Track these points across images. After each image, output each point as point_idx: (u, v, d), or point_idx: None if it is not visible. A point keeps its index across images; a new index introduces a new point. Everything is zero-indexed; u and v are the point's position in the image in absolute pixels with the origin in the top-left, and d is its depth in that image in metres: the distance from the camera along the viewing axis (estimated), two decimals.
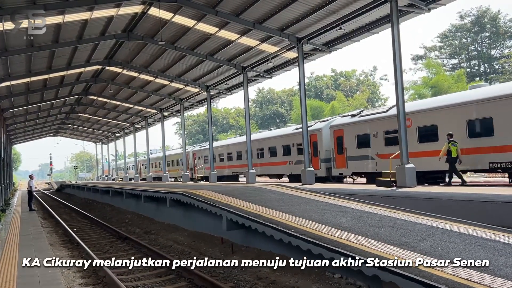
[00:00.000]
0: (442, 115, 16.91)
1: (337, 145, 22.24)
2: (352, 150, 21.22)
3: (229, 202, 11.90)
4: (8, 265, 8.55)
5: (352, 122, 21.64)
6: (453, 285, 5.02)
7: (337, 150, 22.23)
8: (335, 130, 22.51)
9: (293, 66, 25.73)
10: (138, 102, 40.51)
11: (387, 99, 73.32)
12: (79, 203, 30.70)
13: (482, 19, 59.07)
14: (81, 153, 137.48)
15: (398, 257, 6.13)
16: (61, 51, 23.20)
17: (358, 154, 20.88)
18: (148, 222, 17.63)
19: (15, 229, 14.47)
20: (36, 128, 53.49)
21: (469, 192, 12.13)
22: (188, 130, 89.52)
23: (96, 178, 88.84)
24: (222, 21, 20.64)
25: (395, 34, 16.05)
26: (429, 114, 17.48)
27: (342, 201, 11.74)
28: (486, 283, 5.04)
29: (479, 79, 55.11)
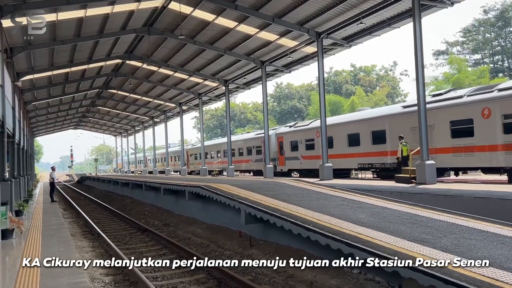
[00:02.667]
0: (334, 129, 23.57)
1: (279, 148, 29.35)
2: (288, 153, 28.32)
3: (247, 196, 11.94)
4: (32, 255, 8.75)
5: (288, 131, 29.04)
6: (475, 282, 4.96)
7: (279, 152, 29.26)
8: (278, 136, 29.60)
9: (312, 61, 25.59)
10: (157, 96, 40.87)
11: (407, 95, 72.38)
12: (99, 195, 31.20)
13: (507, 14, 57.65)
14: (101, 146, 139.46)
15: (418, 253, 6.09)
16: (82, 45, 23.54)
17: (292, 155, 27.91)
18: (167, 214, 17.82)
19: (38, 219, 14.80)
20: (57, 120, 54.45)
21: (491, 190, 11.94)
22: (206, 125, 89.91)
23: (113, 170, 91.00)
24: (241, 15, 20.64)
25: (417, 28, 15.81)
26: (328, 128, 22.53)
27: (361, 197, 11.68)
28: (509, 281, 4.96)
29: (503, 75, 53.92)
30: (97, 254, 10.70)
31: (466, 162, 16.85)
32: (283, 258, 8.98)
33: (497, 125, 15.51)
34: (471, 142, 16.40)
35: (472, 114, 16.39)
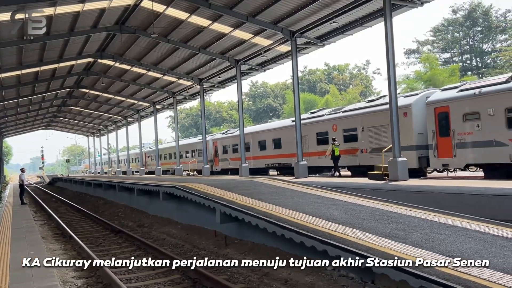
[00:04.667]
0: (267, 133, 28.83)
1: (215, 151, 35.35)
2: (220, 155, 34.57)
3: (222, 195, 11.93)
4: (0, 258, 8.52)
5: (221, 138, 35.43)
6: (444, 276, 5.09)
7: (215, 154, 35.32)
8: (214, 141, 35.63)
9: (286, 60, 25.69)
10: (130, 95, 40.30)
11: (379, 93, 73.38)
12: (72, 197, 30.59)
13: (474, 14, 59.25)
14: (73, 147, 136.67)
15: (390, 249, 6.20)
16: (52, 44, 22.98)
17: (223, 158, 34.32)
18: (141, 215, 17.62)
19: (7, 222, 14.41)
20: (27, 121, 53.02)
21: (461, 185, 12.24)
22: (181, 124, 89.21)
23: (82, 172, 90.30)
24: (215, 14, 20.55)
25: (388, 28, 16.07)
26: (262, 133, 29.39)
27: (335, 194, 11.82)
28: (476, 274, 5.11)
29: (471, 74, 55.38)
30: (69, 256, 10.48)
31: (324, 162, 22.34)
32: (258, 256, 9.05)
33: (341, 136, 21.51)
34: (326, 148, 21.84)
35: (327, 128, 22.53)
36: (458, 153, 15.99)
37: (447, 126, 16.37)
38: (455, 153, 16.08)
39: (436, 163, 17.12)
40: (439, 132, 16.67)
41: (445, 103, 16.55)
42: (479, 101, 15.26)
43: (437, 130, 16.76)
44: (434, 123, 16.84)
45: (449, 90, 17.23)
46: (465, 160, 15.96)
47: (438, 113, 16.77)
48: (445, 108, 16.47)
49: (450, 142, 16.23)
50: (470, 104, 15.63)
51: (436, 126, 16.79)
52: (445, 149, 16.47)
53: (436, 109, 16.80)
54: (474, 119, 15.42)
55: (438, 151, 16.73)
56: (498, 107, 14.61)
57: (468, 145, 15.67)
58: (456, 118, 16.00)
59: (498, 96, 14.73)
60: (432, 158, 17.09)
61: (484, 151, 15.12)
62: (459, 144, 15.96)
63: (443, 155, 16.62)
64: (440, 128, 16.66)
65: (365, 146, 20.31)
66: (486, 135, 15.02)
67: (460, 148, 15.94)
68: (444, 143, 16.49)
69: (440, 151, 16.67)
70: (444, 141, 16.49)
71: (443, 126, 16.54)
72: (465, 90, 16.14)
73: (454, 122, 16.06)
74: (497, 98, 14.75)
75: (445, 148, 16.47)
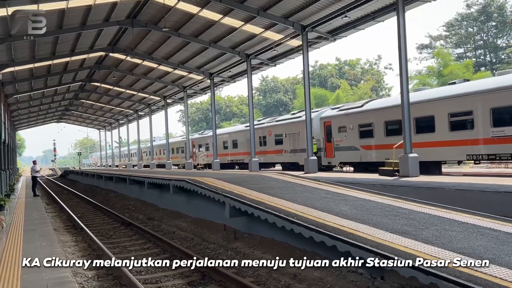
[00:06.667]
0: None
1: (193, 149, 40.85)
2: (198, 153, 39.92)
3: (232, 189, 11.94)
4: (12, 252, 8.64)
5: (197, 138, 41.79)
6: (454, 273, 5.05)
7: (193, 153, 40.25)
8: (192, 140, 41.18)
9: (297, 54, 25.58)
10: (141, 89, 40.48)
11: (391, 88, 72.97)
12: (83, 189, 30.87)
13: (489, 8, 58.36)
14: (84, 140, 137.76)
15: (400, 245, 6.16)
16: (65, 37, 23.12)
17: (201, 155, 39.29)
18: (152, 208, 17.73)
19: (20, 214, 14.60)
20: (40, 114, 53.58)
21: (472, 182, 12.13)
22: (191, 118, 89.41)
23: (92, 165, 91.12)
24: (226, 7, 20.51)
25: (401, 22, 15.93)
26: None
27: (345, 190, 11.77)
28: (487, 272, 5.06)
29: (485, 69, 54.66)
30: (80, 248, 10.60)
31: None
32: (267, 250, 9.06)
33: (272, 140, 28.45)
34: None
35: (265, 133, 29.32)
36: (336, 154, 22.74)
37: (330, 135, 23.11)
38: (334, 154, 22.84)
39: (324, 161, 23.76)
40: (326, 139, 23.53)
41: (329, 119, 23.56)
42: (346, 119, 22.11)
43: (325, 137, 23.64)
44: (324, 133, 23.72)
45: (334, 109, 24.04)
46: (340, 159, 22.73)
47: (326, 125, 23.64)
48: (329, 122, 23.38)
49: (331, 147, 23.01)
50: (341, 120, 22.47)
51: (324, 135, 23.69)
52: (329, 151, 23.36)
53: (325, 122, 23.73)
54: (343, 131, 22.19)
55: (326, 153, 23.63)
56: (355, 123, 21.38)
57: (341, 149, 22.32)
58: (335, 129, 22.75)
59: (355, 116, 21.53)
60: (322, 158, 23.73)
61: (349, 153, 21.84)
62: (336, 148, 22.66)
63: (328, 155, 23.53)
64: (327, 136, 23.48)
65: (287, 148, 26.94)
66: (349, 142, 21.73)
67: (337, 150, 22.65)
68: (329, 147, 23.35)
69: (327, 152, 23.58)
70: (329, 146, 23.34)
71: (328, 135, 23.30)
72: (341, 110, 22.91)
73: (334, 133, 22.78)
74: (354, 117, 21.57)
75: (329, 151, 23.35)
